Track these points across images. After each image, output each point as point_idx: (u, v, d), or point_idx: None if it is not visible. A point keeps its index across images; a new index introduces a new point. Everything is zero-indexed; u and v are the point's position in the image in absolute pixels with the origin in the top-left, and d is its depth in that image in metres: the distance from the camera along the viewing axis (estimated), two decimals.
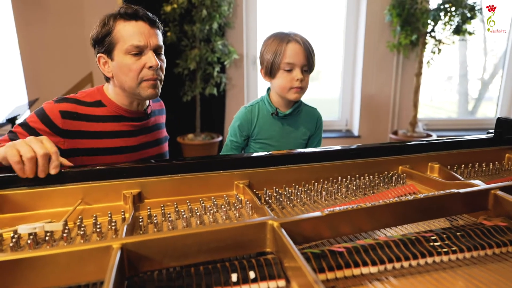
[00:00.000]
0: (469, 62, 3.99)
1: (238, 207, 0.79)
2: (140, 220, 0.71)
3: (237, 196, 0.85)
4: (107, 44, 1.08)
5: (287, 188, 0.89)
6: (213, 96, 3.21)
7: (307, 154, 0.98)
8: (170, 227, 0.71)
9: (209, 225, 0.72)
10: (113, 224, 0.69)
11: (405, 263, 0.59)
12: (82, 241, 0.65)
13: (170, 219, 0.72)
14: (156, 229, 0.71)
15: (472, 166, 1.05)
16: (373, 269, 0.57)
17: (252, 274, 0.54)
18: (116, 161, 1.15)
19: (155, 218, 0.72)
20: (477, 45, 3.92)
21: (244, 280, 0.53)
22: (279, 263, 0.56)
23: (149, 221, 0.75)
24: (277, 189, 0.88)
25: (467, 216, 0.79)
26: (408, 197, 0.71)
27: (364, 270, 0.57)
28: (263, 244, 0.61)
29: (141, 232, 0.70)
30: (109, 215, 0.74)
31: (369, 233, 0.72)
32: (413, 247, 0.61)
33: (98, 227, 0.68)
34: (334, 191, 0.88)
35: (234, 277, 0.53)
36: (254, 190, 0.89)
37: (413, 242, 0.62)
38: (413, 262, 0.59)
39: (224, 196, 0.85)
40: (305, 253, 0.57)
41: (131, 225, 0.68)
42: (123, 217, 0.75)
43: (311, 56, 1.22)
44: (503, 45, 3.80)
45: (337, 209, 0.65)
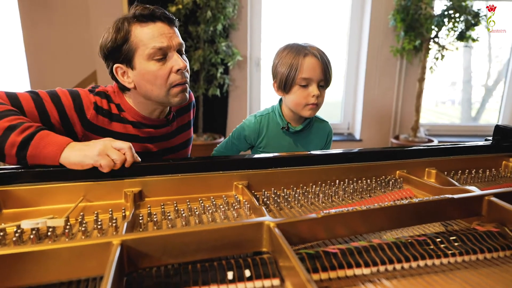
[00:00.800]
0: (473, 68, 3.99)
1: (236, 208, 0.81)
2: (140, 218, 0.73)
3: (236, 197, 0.87)
4: (125, 52, 0.98)
5: (285, 190, 0.90)
6: (216, 97, 3.22)
7: (306, 157, 0.99)
8: (169, 226, 0.73)
9: (207, 224, 0.73)
10: (113, 221, 0.71)
11: (397, 266, 0.60)
12: (83, 237, 0.67)
13: (169, 217, 0.74)
14: (155, 227, 0.72)
15: (469, 172, 1.06)
16: (366, 271, 0.59)
17: (247, 273, 0.55)
18: None
19: (155, 216, 0.74)
20: (482, 51, 3.92)
21: (240, 278, 0.54)
22: (274, 263, 0.57)
23: (149, 219, 0.76)
24: (276, 191, 0.89)
25: (461, 221, 0.80)
26: (403, 201, 0.72)
27: (357, 271, 0.59)
28: (260, 244, 0.63)
29: (141, 229, 0.71)
30: (110, 213, 0.76)
31: (365, 236, 0.73)
32: (406, 250, 0.62)
33: (99, 224, 0.70)
34: (332, 193, 0.90)
35: (230, 275, 0.55)
36: (253, 191, 0.91)
37: (406, 245, 0.63)
38: (406, 264, 0.61)
39: (223, 196, 0.86)
40: (300, 253, 0.59)
41: (131, 223, 0.70)
42: (123, 214, 0.77)
43: (328, 71, 1.15)
44: (508, 51, 3.80)
45: (332, 211, 0.66)
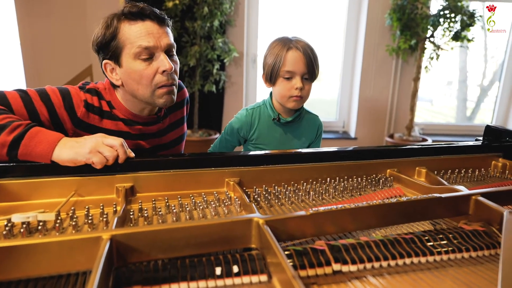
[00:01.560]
0: (469, 68, 4.01)
1: (227, 204, 0.81)
2: (131, 213, 0.73)
3: (227, 193, 0.88)
4: (113, 49, 0.98)
5: (276, 187, 0.91)
6: (212, 93, 3.22)
7: (297, 155, 1.00)
8: (160, 221, 0.73)
9: (196, 220, 0.74)
10: (104, 216, 0.71)
11: (384, 263, 0.61)
12: (74, 232, 0.68)
13: (160, 213, 0.74)
14: (146, 223, 0.73)
15: (458, 172, 1.07)
16: (353, 268, 0.60)
17: (235, 268, 0.56)
18: None
19: (145, 212, 0.74)
20: (478, 51, 3.94)
21: (228, 273, 0.55)
22: (262, 259, 0.58)
23: (139, 214, 0.77)
24: (267, 188, 0.90)
25: (449, 220, 0.81)
26: (392, 199, 0.73)
27: (344, 268, 0.59)
28: (248, 240, 0.63)
29: (132, 224, 0.72)
30: (101, 208, 0.76)
31: (354, 233, 0.74)
32: (393, 248, 0.63)
33: (89, 218, 0.70)
34: (322, 191, 0.91)
35: (218, 270, 0.55)
36: (244, 188, 0.91)
37: (393, 243, 0.64)
38: (392, 262, 0.62)
39: (214, 192, 0.87)
40: (288, 250, 0.60)
41: (122, 218, 0.70)
42: (114, 209, 0.77)
43: (312, 64, 1.17)
44: (503, 52, 3.82)
45: (321, 209, 0.67)
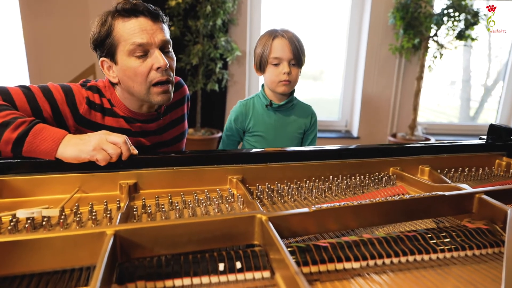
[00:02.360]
0: (473, 67, 3.99)
1: (230, 201, 0.82)
2: (135, 209, 0.74)
3: (230, 191, 0.88)
4: (108, 46, 0.98)
5: (279, 184, 0.91)
6: (215, 92, 3.22)
7: (300, 153, 1.00)
8: (163, 218, 0.74)
9: (199, 217, 0.74)
10: (108, 212, 0.72)
11: (386, 260, 0.61)
12: (78, 227, 0.68)
13: (163, 209, 0.75)
14: (149, 219, 0.73)
15: (462, 170, 1.07)
16: (356, 265, 0.60)
17: (238, 264, 0.56)
18: None
19: (149, 208, 0.75)
20: (482, 51, 3.92)
21: (231, 269, 0.55)
22: (265, 255, 0.58)
23: (143, 210, 0.77)
24: (269, 185, 0.90)
25: (452, 218, 0.81)
26: (395, 197, 0.73)
27: (347, 265, 0.60)
28: (251, 237, 0.63)
29: (135, 221, 0.72)
30: (105, 204, 0.76)
31: (356, 231, 0.74)
32: (396, 245, 0.63)
33: (93, 214, 0.71)
34: (325, 189, 0.91)
35: (221, 266, 0.55)
36: (247, 185, 0.92)
37: (396, 240, 0.64)
38: (395, 259, 0.62)
39: (217, 190, 0.87)
40: (291, 246, 0.60)
41: (125, 214, 0.71)
42: (118, 206, 0.78)
43: (297, 50, 1.25)
44: (507, 51, 3.80)
45: (324, 206, 0.67)
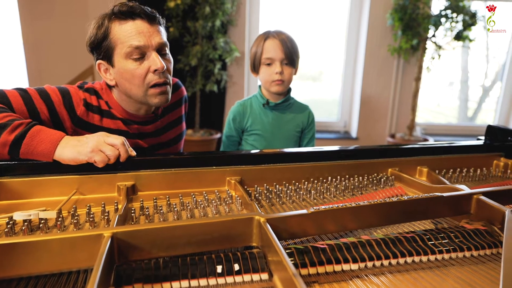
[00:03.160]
0: (471, 68, 4.00)
1: (228, 203, 0.81)
2: (132, 211, 0.73)
3: (228, 192, 0.88)
4: (105, 49, 0.99)
5: (277, 186, 0.91)
6: (213, 93, 3.22)
7: (298, 154, 1.00)
8: (161, 219, 0.73)
9: (197, 218, 0.74)
10: (105, 214, 0.71)
11: (385, 262, 0.61)
12: (75, 230, 0.68)
13: (161, 211, 0.74)
14: (147, 221, 0.73)
15: (460, 171, 1.07)
16: (354, 266, 0.60)
17: (236, 267, 0.56)
18: None
19: (147, 210, 0.74)
20: (480, 51, 3.93)
21: (229, 272, 0.55)
22: (263, 257, 0.58)
23: (141, 212, 0.77)
24: (268, 187, 0.90)
25: (451, 219, 0.81)
26: (393, 198, 0.73)
27: (345, 267, 0.59)
28: (250, 239, 0.63)
29: (133, 223, 0.72)
30: (103, 206, 0.76)
31: (355, 232, 0.74)
32: (394, 247, 0.63)
33: (91, 216, 0.70)
34: (323, 190, 0.90)
35: (219, 268, 0.55)
36: (245, 187, 0.91)
37: (395, 241, 0.64)
38: (393, 261, 0.62)
39: (216, 191, 0.87)
40: (289, 248, 0.60)
41: (123, 216, 0.70)
42: (116, 208, 0.77)
43: (289, 50, 1.27)
44: (505, 52, 3.81)
45: (322, 207, 0.67)
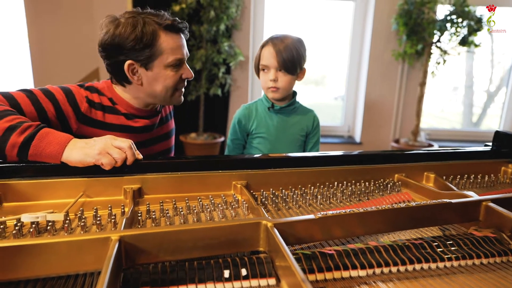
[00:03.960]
0: (476, 73, 3.98)
1: (234, 207, 0.81)
2: (139, 214, 0.73)
3: (235, 196, 0.87)
4: (148, 55, 1.04)
5: (283, 190, 0.91)
6: (217, 97, 3.23)
7: (305, 158, 1.00)
8: (168, 223, 0.73)
9: (204, 222, 0.74)
10: (112, 217, 0.71)
11: (393, 268, 0.61)
12: (82, 232, 0.68)
13: (168, 215, 0.74)
14: (154, 224, 0.73)
15: (467, 177, 1.06)
16: (362, 273, 0.59)
17: (244, 272, 0.56)
18: None
19: (153, 214, 0.74)
20: (485, 57, 3.91)
21: (236, 276, 0.55)
22: (270, 262, 0.58)
23: (147, 216, 0.77)
24: (274, 191, 0.89)
25: (458, 226, 0.80)
26: (401, 204, 0.73)
27: (353, 273, 0.59)
28: (257, 243, 0.63)
29: (140, 226, 0.72)
30: (109, 209, 0.76)
31: (362, 238, 0.74)
32: (402, 253, 0.63)
33: (98, 219, 0.70)
34: (330, 195, 0.90)
35: (226, 273, 0.55)
36: (252, 191, 0.91)
37: (403, 248, 0.64)
38: (402, 267, 0.61)
39: (222, 195, 0.87)
40: (296, 253, 0.59)
41: (130, 219, 0.70)
42: (122, 211, 0.77)
43: (283, 59, 1.25)
44: (510, 57, 3.80)
45: (329, 212, 0.67)
